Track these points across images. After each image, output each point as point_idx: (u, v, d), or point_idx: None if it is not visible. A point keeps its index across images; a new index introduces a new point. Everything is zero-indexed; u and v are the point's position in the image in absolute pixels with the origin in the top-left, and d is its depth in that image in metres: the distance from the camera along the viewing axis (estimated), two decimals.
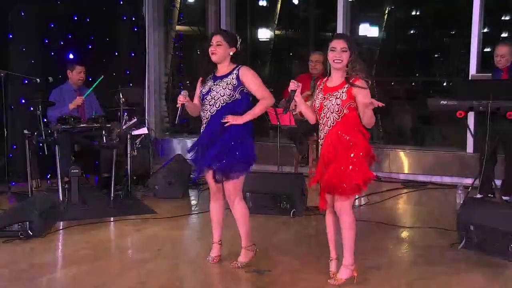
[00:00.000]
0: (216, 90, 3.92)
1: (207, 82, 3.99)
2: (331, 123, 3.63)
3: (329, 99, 3.63)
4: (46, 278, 3.95)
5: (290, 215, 5.45)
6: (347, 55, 3.59)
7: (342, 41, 3.60)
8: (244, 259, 4.09)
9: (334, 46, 3.60)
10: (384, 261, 4.29)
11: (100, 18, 7.79)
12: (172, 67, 9.61)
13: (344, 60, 3.60)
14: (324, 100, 3.66)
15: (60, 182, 5.67)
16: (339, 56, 3.59)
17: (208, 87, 3.96)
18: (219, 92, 3.91)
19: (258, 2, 10.35)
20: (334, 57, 3.60)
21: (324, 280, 3.82)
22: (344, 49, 3.58)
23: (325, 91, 3.69)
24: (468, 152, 7.26)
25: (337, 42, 3.61)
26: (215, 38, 3.93)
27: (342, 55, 3.58)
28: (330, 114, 3.62)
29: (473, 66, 7.17)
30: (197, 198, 6.25)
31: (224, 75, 3.95)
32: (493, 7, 8.11)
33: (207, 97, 3.94)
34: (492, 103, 5.16)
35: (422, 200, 6.50)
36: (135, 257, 4.46)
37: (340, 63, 3.60)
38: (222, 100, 3.90)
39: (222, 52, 3.92)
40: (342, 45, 3.58)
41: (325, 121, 3.66)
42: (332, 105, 3.61)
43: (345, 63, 3.61)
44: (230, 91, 3.90)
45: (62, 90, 6.56)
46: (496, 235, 4.25)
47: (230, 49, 3.95)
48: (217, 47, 3.91)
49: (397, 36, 10.30)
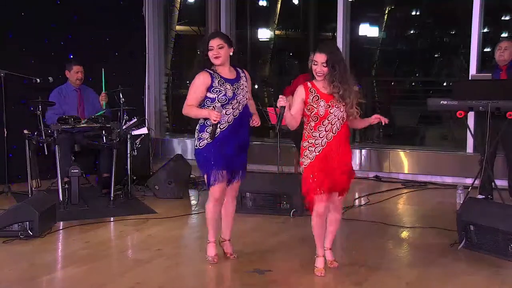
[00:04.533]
0: (242, 94, 3.97)
1: (222, 85, 3.90)
2: (336, 129, 3.79)
3: (336, 107, 3.76)
4: (46, 278, 3.95)
5: (290, 215, 5.46)
6: (326, 70, 3.76)
7: (323, 56, 3.75)
8: (232, 249, 4.27)
9: (316, 60, 3.78)
10: (384, 261, 4.29)
11: (100, 18, 7.79)
12: (172, 67, 9.62)
13: (325, 72, 3.77)
14: (329, 107, 3.75)
15: (60, 182, 5.67)
16: (320, 70, 3.76)
17: (232, 91, 3.92)
18: (244, 96, 3.98)
19: (258, 2, 10.35)
20: (315, 70, 3.78)
21: (324, 280, 3.83)
22: (324, 65, 3.74)
23: (325, 98, 3.76)
24: (468, 152, 7.27)
25: (319, 56, 3.76)
26: (216, 41, 3.90)
27: (323, 69, 3.76)
28: (337, 121, 3.78)
29: (473, 66, 7.18)
30: (197, 198, 6.25)
31: (236, 78, 3.98)
32: (493, 7, 8.12)
33: (232, 101, 3.92)
34: (492, 103, 5.16)
35: (422, 200, 6.50)
36: (135, 257, 4.46)
37: (322, 76, 3.78)
38: (243, 103, 3.98)
39: (224, 54, 3.92)
40: (322, 59, 3.74)
41: (329, 127, 3.78)
42: (340, 112, 3.78)
43: (325, 75, 3.78)
44: (246, 94, 4.01)
45: (61, 90, 6.57)
46: (496, 235, 4.25)
47: (229, 49, 3.96)
48: (219, 50, 3.90)
49: (397, 36, 10.30)
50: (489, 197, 5.87)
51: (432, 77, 9.90)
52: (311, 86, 3.80)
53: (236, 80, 3.97)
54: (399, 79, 9.95)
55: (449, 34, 10.15)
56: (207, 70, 3.93)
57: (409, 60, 10.20)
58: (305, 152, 3.82)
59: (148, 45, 8.97)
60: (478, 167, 5.57)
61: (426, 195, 6.69)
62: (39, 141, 5.94)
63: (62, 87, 6.60)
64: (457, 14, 9.15)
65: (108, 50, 7.96)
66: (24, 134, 6.10)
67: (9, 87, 6.33)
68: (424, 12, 10.07)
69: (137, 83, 8.59)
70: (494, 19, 8.82)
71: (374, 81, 9.46)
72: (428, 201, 6.39)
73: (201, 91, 3.90)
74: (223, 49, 3.91)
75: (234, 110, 3.94)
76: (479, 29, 7.15)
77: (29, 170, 6.13)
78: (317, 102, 3.76)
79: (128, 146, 6.21)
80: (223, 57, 3.91)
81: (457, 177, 7.01)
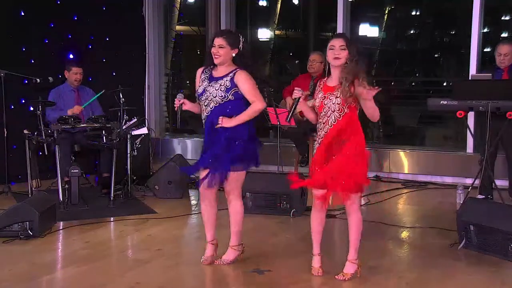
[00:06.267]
0: (210, 91, 3.94)
1: (203, 81, 4.00)
2: (332, 122, 3.66)
3: (329, 98, 3.67)
4: (46, 278, 3.94)
5: (289, 215, 5.46)
6: (345, 53, 3.63)
7: (341, 40, 3.66)
8: (228, 257, 4.12)
9: (332, 45, 3.65)
10: (384, 261, 4.29)
11: (100, 18, 7.79)
12: (172, 67, 9.62)
13: (343, 58, 3.63)
14: (324, 99, 3.68)
15: (60, 182, 5.67)
16: (337, 53, 3.63)
17: (203, 88, 3.98)
18: (212, 93, 3.94)
19: (258, 2, 10.35)
20: (333, 54, 3.65)
21: (324, 280, 3.82)
22: (343, 47, 3.63)
23: (325, 90, 3.72)
24: (468, 152, 7.27)
25: (336, 40, 3.66)
26: (217, 40, 3.92)
27: (340, 53, 3.63)
28: (331, 113, 3.66)
29: (473, 66, 7.17)
30: (197, 198, 6.25)
31: (220, 77, 3.97)
32: (493, 7, 8.11)
33: (201, 98, 3.99)
34: (492, 103, 5.16)
35: (422, 200, 6.50)
36: (135, 257, 4.46)
37: (339, 61, 3.64)
38: (215, 101, 3.93)
39: (224, 54, 3.92)
40: (340, 43, 3.63)
41: (325, 120, 3.68)
42: (332, 104, 3.65)
43: (344, 61, 3.64)
44: (222, 93, 3.92)
45: (59, 90, 6.56)
46: (496, 235, 4.25)
47: (232, 50, 3.95)
48: (219, 49, 3.91)
49: (397, 36, 10.30)
50: (489, 197, 5.86)
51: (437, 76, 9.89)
52: (322, 82, 3.78)
53: (217, 79, 3.96)
54: (399, 79, 9.94)
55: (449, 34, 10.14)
56: (205, 66, 4.03)
57: (409, 60, 10.19)
58: (314, 144, 3.81)
59: (148, 45, 8.96)
60: (478, 167, 5.56)
61: (426, 195, 6.69)
62: (39, 141, 5.93)
63: (60, 87, 6.59)
64: (457, 14, 9.15)
65: (108, 50, 7.96)
66: (24, 134, 6.10)
67: (9, 87, 6.32)
68: (424, 12, 10.07)
69: (137, 83, 8.59)
70: (494, 19, 8.81)
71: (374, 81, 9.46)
72: (428, 201, 6.39)
73: (196, 84, 4.05)
74: (223, 49, 3.91)
75: (206, 107, 3.96)
76: (479, 29, 7.15)
77: (29, 170, 6.12)
78: (317, 94, 3.74)
79: (128, 146, 6.21)
80: (222, 57, 3.92)
81: (457, 177, 7.00)
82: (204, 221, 4.20)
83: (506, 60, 5.74)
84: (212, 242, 4.18)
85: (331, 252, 4.06)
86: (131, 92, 6.99)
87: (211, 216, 4.16)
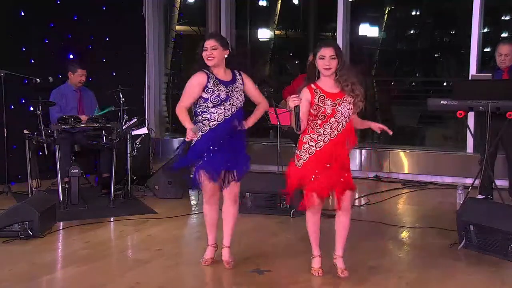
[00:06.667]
0: (236, 96, 3.96)
1: (216, 85, 3.91)
2: (341, 127, 3.76)
3: (342, 105, 3.74)
4: (46, 278, 3.95)
5: (290, 215, 5.46)
6: (335, 63, 3.72)
7: (331, 49, 3.72)
8: (229, 257, 4.13)
9: (323, 54, 3.73)
10: (384, 261, 4.29)
11: (100, 18, 7.79)
12: (172, 67, 9.62)
13: (333, 67, 3.73)
14: (335, 105, 3.73)
15: (60, 182, 5.67)
16: (328, 64, 3.71)
17: (226, 93, 3.91)
18: (238, 98, 3.97)
19: (258, 2, 10.35)
20: (324, 64, 3.72)
21: (324, 280, 3.82)
22: (333, 57, 3.71)
23: (331, 97, 3.73)
24: (468, 152, 7.27)
25: (326, 50, 3.73)
26: (210, 42, 3.92)
27: (331, 62, 3.72)
28: (343, 119, 3.76)
29: (473, 66, 7.18)
30: (197, 198, 6.25)
31: (231, 80, 3.97)
32: (493, 7, 8.11)
33: (225, 103, 3.92)
34: (492, 103, 5.16)
35: (422, 200, 6.50)
36: (135, 257, 4.46)
37: (330, 70, 3.73)
38: (238, 105, 3.97)
39: (217, 55, 3.92)
40: (331, 53, 3.71)
41: (335, 126, 3.74)
42: (346, 110, 3.75)
43: (334, 70, 3.74)
44: (241, 96, 3.99)
45: (62, 90, 6.56)
46: (496, 235, 4.25)
47: (224, 51, 3.96)
48: (213, 51, 3.91)
49: (397, 36, 10.30)
50: (489, 197, 5.86)
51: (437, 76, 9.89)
52: (315, 87, 3.76)
53: (231, 82, 3.97)
54: (399, 79, 9.94)
55: (449, 34, 10.14)
56: (204, 70, 3.94)
57: (409, 60, 10.19)
58: (304, 145, 3.78)
59: (148, 45, 8.97)
60: (478, 167, 5.56)
61: (426, 195, 6.69)
62: (39, 141, 5.94)
63: (62, 87, 6.59)
64: (457, 14, 9.15)
65: (108, 50, 7.96)
66: (24, 134, 6.10)
67: (9, 87, 6.33)
68: (424, 12, 10.07)
69: (137, 83, 8.59)
70: (494, 19, 8.81)
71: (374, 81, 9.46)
72: (428, 201, 6.39)
73: (197, 91, 3.91)
74: (216, 51, 3.91)
75: (226, 111, 3.93)
76: (479, 29, 7.15)
77: (29, 170, 6.13)
78: (323, 102, 3.72)
79: (128, 146, 6.21)
80: (216, 58, 3.92)
81: (457, 177, 7.00)
82: (207, 223, 4.18)
83: (507, 60, 5.74)
84: (213, 246, 4.19)
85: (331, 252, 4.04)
86: (131, 92, 6.99)
87: (215, 218, 4.16)
